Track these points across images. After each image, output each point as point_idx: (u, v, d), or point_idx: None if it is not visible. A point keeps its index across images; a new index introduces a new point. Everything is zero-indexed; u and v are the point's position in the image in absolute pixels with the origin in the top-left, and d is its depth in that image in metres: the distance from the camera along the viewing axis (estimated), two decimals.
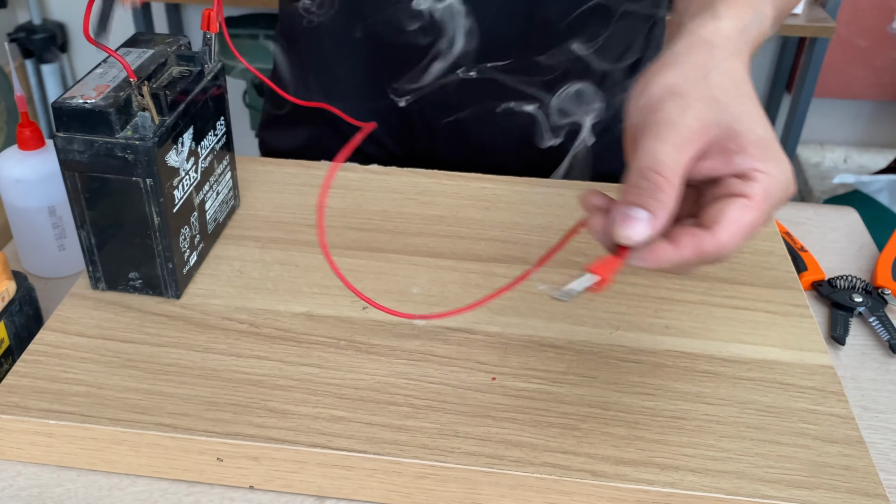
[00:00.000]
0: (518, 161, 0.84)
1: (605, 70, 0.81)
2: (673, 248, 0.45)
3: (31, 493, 0.52)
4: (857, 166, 2.07)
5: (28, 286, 0.61)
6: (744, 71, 0.49)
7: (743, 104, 0.47)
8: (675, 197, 0.46)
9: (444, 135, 0.85)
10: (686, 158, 0.46)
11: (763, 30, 0.52)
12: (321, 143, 0.87)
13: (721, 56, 0.49)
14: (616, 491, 0.49)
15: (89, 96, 0.55)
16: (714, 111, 0.46)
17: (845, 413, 0.54)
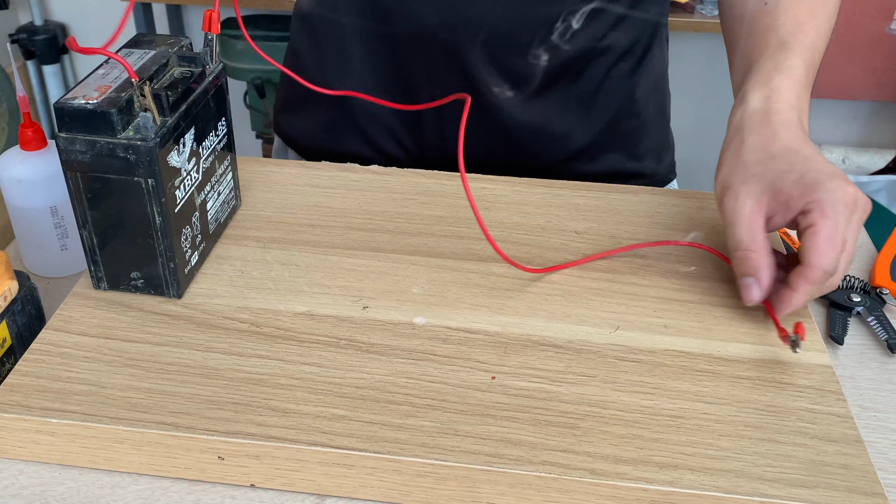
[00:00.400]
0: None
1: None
2: (790, 290, 0.60)
3: (34, 491, 0.53)
4: (856, 167, 2.08)
5: (30, 286, 0.61)
6: (770, 134, 0.63)
7: (775, 164, 0.61)
8: (765, 257, 0.60)
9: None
10: (757, 229, 0.60)
11: (795, 79, 0.66)
12: (337, 128, 0.88)
13: (749, 134, 0.63)
14: (615, 489, 0.50)
15: (91, 97, 0.56)
16: (757, 185, 0.61)
17: (844, 412, 0.55)
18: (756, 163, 0.62)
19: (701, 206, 0.75)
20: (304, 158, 0.90)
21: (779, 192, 0.60)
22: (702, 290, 0.65)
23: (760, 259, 0.60)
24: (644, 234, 0.71)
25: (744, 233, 0.60)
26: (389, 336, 0.59)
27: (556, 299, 0.63)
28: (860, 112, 2.12)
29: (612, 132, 0.86)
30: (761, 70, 0.67)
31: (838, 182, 0.59)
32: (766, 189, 0.60)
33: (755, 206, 0.60)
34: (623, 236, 0.71)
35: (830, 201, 0.58)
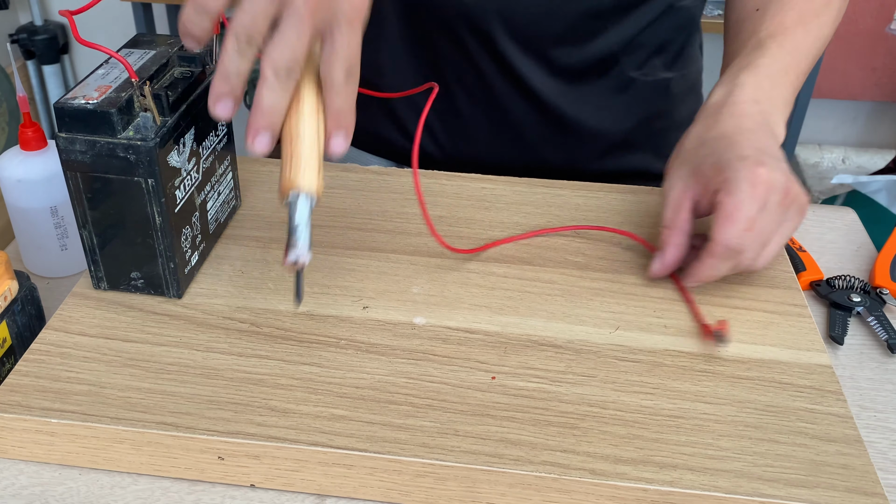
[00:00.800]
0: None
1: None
2: (697, 262, 0.62)
3: (33, 491, 0.53)
4: (856, 167, 2.08)
5: (30, 286, 0.61)
6: (712, 123, 0.64)
7: (703, 149, 0.63)
8: (678, 236, 0.63)
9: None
10: (680, 210, 0.63)
11: (763, 76, 0.66)
12: (369, 108, 0.88)
13: (695, 125, 0.66)
14: (615, 489, 0.50)
15: (91, 97, 0.56)
16: (685, 169, 0.64)
17: (844, 412, 0.55)
18: (690, 149, 0.65)
19: None
20: None
21: (700, 175, 0.62)
22: (701, 290, 0.65)
23: (671, 236, 0.63)
24: (644, 234, 0.71)
25: (667, 213, 0.64)
26: (389, 336, 0.59)
27: (556, 299, 0.63)
28: (860, 112, 2.12)
29: (644, 130, 0.87)
30: (732, 68, 0.68)
31: (749, 163, 0.59)
32: (692, 173, 0.63)
33: (682, 188, 0.63)
34: (623, 235, 0.71)
35: (735, 180, 0.59)
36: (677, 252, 0.63)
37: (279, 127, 0.53)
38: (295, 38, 0.50)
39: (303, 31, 0.51)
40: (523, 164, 0.82)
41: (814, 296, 0.72)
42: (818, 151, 2.12)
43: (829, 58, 1.95)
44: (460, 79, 0.83)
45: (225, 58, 0.51)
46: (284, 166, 0.53)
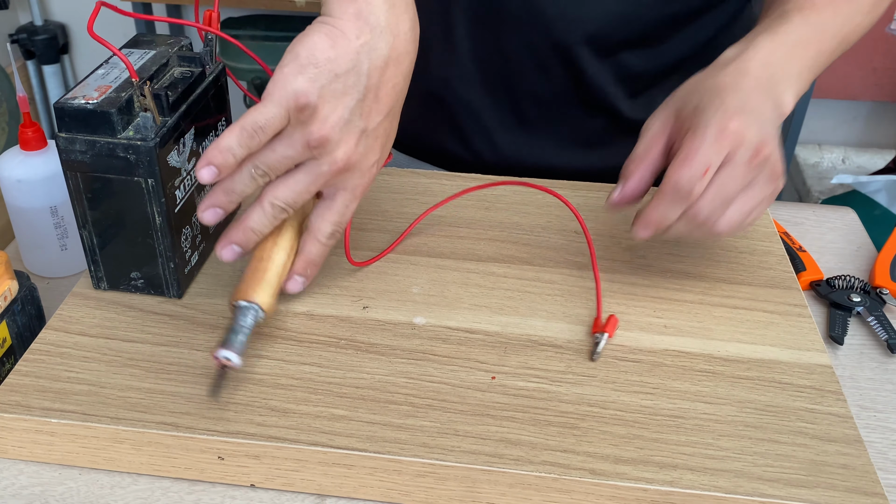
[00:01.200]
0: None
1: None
2: (649, 205, 0.58)
3: (33, 491, 0.53)
4: (856, 167, 2.08)
5: (30, 286, 0.61)
6: (710, 71, 0.61)
7: (691, 95, 0.60)
8: (641, 168, 0.60)
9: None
10: (653, 145, 0.60)
11: (780, 42, 0.63)
12: (428, 119, 0.89)
13: (697, 74, 0.62)
14: (615, 489, 0.50)
15: (91, 97, 0.56)
16: (669, 110, 0.61)
17: (843, 412, 0.55)
18: (682, 94, 0.62)
19: None
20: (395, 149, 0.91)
21: (679, 117, 0.60)
22: (702, 290, 0.65)
23: (636, 169, 0.60)
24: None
25: (638, 147, 0.61)
26: (389, 336, 0.59)
27: (556, 299, 0.63)
28: (860, 112, 2.11)
29: None
30: (751, 32, 0.65)
31: (726, 113, 0.57)
32: (674, 114, 0.61)
33: (659, 127, 0.61)
34: (623, 236, 0.71)
35: (701, 125, 0.56)
36: (638, 185, 0.60)
37: (252, 248, 0.58)
38: (304, 188, 0.56)
39: (315, 184, 0.56)
40: (589, 168, 0.82)
41: (814, 296, 0.72)
42: (818, 151, 2.12)
43: None
44: (530, 87, 0.83)
45: (237, 177, 0.55)
46: (249, 278, 0.57)
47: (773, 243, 0.71)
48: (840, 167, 2.08)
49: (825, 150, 2.13)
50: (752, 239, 0.71)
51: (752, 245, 0.70)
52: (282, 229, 0.60)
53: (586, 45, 0.79)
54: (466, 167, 0.86)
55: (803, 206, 0.85)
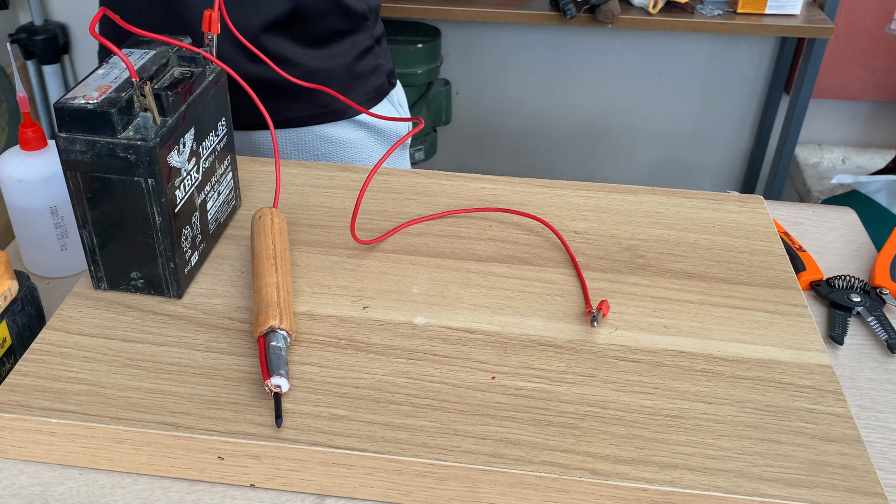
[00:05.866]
0: None
1: None
2: None
3: (33, 491, 0.53)
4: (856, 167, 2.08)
5: (30, 286, 0.61)
6: None
7: None
8: None
9: None
10: None
11: None
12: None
13: None
14: (615, 489, 0.50)
15: (91, 97, 0.56)
16: None
17: (843, 412, 0.55)
18: None
19: (701, 206, 0.75)
20: None
21: None
22: (701, 290, 0.65)
23: None
24: (644, 234, 0.71)
25: None
26: (389, 336, 0.60)
27: (556, 299, 0.63)
28: (860, 112, 2.12)
29: None
30: None
31: None
32: None
33: None
34: (623, 236, 0.71)
35: None
36: None
37: None
38: None
39: None
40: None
41: (814, 296, 0.72)
42: (818, 151, 2.12)
43: (829, 58, 1.95)
44: None
45: None
46: (264, 307, 0.58)
47: (773, 243, 0.71)
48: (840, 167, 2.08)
49: (825, 150, 2.13)
50: (752, 239, 0.71)
51: (752, 245, 0.70)
52: (277, 257, 0.62)
53: None
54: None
55: (803, 206, 0.85)
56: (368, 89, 0.95)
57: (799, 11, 1.70)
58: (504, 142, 2.25)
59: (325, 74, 0.90)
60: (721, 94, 2.10)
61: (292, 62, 0.88)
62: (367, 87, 0.95)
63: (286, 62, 0.88)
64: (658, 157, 2.22)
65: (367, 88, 0.95)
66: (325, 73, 0.90)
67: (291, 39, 0.88)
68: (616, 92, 2.13)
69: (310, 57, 0.89)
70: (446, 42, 2.12)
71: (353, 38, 0.92)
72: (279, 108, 0.89)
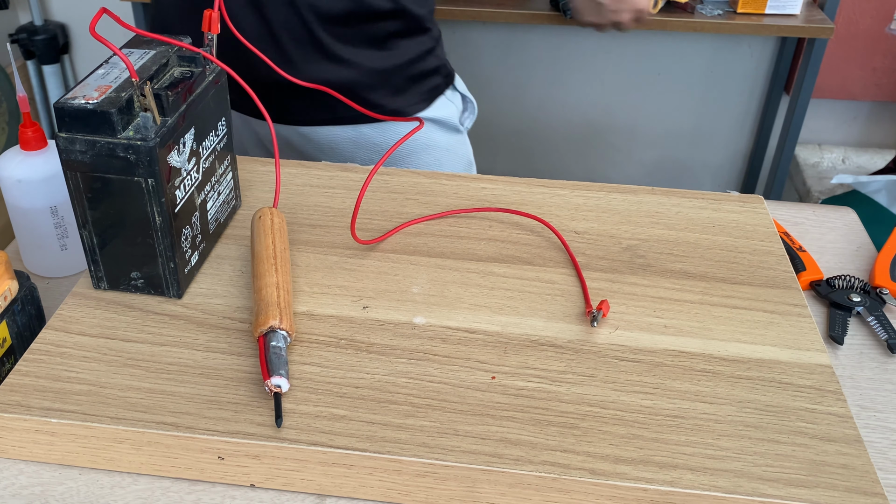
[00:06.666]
0: None
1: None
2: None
3: (34, 491, 0.53)
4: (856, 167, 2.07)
5: (30, 286, 0.61)
6: None
7: None
8: None
9: None
10: None
11: None
12: None
13: None
14: (615, 489, 0.50)
15: (91, 97, 0.56)
16: None
17: (843, 412, 0.55)
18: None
19: (701, 206, 0.75)
20: None
21: None
22: (701, 290, 0.65)
23: None
24: (644, 234, 0.71)
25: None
26: (389, 336, 0.59)
27: (556, 299, 0.63)
28: (860, 112, 2.11)
29: None
30: None
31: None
32: None
33: None
34: (623, 236, 0.71)
35: None
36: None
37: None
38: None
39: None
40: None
41: (814, 296, 0.72)
42: (818, 151, 2.12)
43: (829, 58, 1.95)
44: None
45: None
46: (264, 307, 0.58)
47: (773, 243, 0.71)
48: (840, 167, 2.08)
49: (825, 150, 2.13)
50: (752, 239, 0.71)
51: (752, 245, 0.70)
52: (277, 257, 0.61)
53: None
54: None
55: (803, 206, 0.85)
56: (423, 90, 0.96)
57: (799, 11, 1.70)
58: (504, 142, 2.25)
59: (381, 75, 0.91)
60: (721, 94, 2.10)
61: (349, 62, 0.88)
62: (423, 88, 0.95)
63: (342, 61, 0.88)
64: (658, 157, 2.22)
65: (423, 89, 0.96)
66: (381, 74, 0.91)
67: (349, 39, 0.88)
68: (616, 92, 2.13)
69: (367, 57, 0.89)
70: (446, 42, 2.11)
71: (413, 40, 0.93)
72: (330, 105, 0.89)
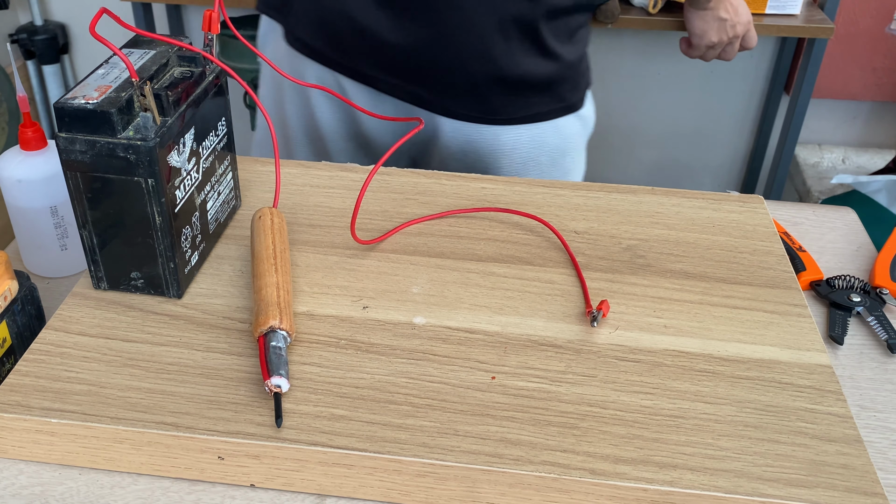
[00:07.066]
0: None
1: None
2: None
3: (34, 491, 0.53)
4: (856, 167, 2.07)
5: (30, 286, 0.61)
6: None
7: None
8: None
9: None
10: None
11: None
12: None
13: None
14: (615, 489, 0.50)
15: (91, 97, 0.56)
16: None
17: (843, 412, 0.55)
18: None
19: (701, 206, 0.75)
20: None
21: None
22: (701, 290, 0.65)
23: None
24: (644, 234, 0.71)
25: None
26: (389, 336, 0.59)
27: (556, 299, 0.63)
28: (860, 112, 2.11)
29: None
30: None
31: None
32: None
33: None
34: (623, 236, 0.71)
35: None
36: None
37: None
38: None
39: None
40: None
41: (814, 296, 0.72)
42: (818, 151, 2.12)
43: (829, 58, 1.95)
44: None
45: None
46: (264, 307, 0.58)
47: (773, 243, 0.71)
48: (840, 167, 2.08)
49: (825, 150, 2.13)
50: (752, 239, 0.71)
51: (752, 245, 0.70)
52: (277, 257, 0.61)
53: None
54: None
55: (803, 206, 0.85)
56: (587, 82, 0.95)
57: (799, 11, 1.70)
58: None
59: (571, 68, 0.91)
60: (721, 94, 2.10)
61: (553, 55, 0.88)
62: (587, 80, 0.95)
63: (549, 55, 0.87)
64: (658, 157, 2.22)
65: (587, 81, 0.95)
66: (571, 66, 0.91)
67: (558, 32, 0.88)
68: (616, 92, 2.12)
69: (566, 50, 0.89)
70: None
71: (586, 31, 0.92)
72: (530, 102, 0.89)
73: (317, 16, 0.88)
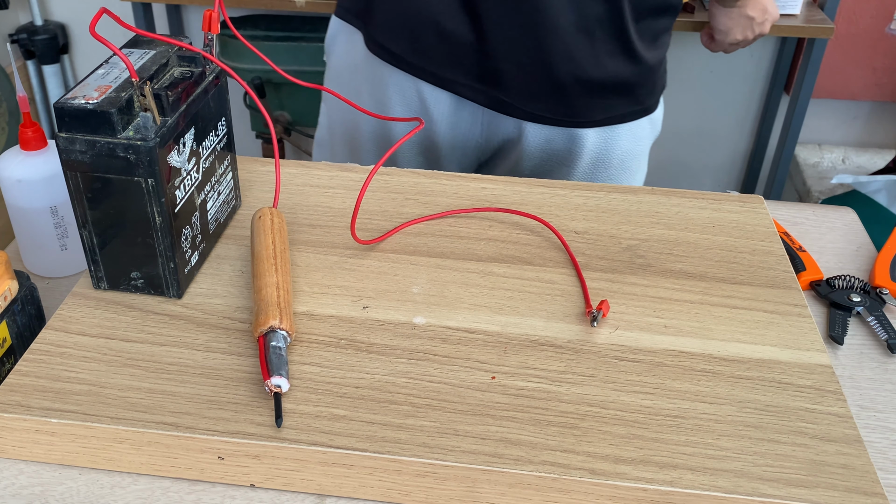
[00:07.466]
0: None
1: None
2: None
3: (33, 491, 0.53)
4: (856, 167, 2.07)
5: (30, 286, 0.61)
6: None
7: None
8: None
9: None
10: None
11: None
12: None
13: None
14: (615, 489, 0.50)
15: (91, 97, 0.56)
16: None
17: (843, 412, 0.55)
18: None
19: (701, 206, 0.75)
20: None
21: None
22: (701, 290, 0.65)
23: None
24: (644, 234, 0.71)
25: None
26: (389, 336, 0.59)
27: (556, 299, 0.63)
28: (860, 112, 2.11)
29: None
30: None
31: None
32: None
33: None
34: (623, 236, 0.71)
35: None
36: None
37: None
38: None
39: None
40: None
41: (814, 296, 0.72)
42: (818, 151, 2.12)
43: (829, 58, 1.95)
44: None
45: None
46: (264, 307, 0.58)
47: (773, 243, 0.71)
48: (840, 167, 2.08)
49: (825, 150, 2.13)
50: (752, 239, 0.71)
51: (752, 245, 0.70)
52: (277, 257, 0.61)
53: None
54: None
55: (803, 206, 0.85)
56: (663, 85, 0.95)
57: (799, 11, 1.70)
58: None
59: (652, 71, 0.91)
60: (721, 94, 2.10)
61: (636, 56, 0.88)
62: (663, 83, 0.95)
63: (633, 56, 0.87)
64: (658, 157, 2.22)
65: (663, 84, 0.95)
66: (652, 69, 0.91)
67: (644, 33, 0.88)
68: None
69: (650, 53, 0.89)
70: None
71: (668, 35, 0.92)
72: (610, 104, 0.89)
73: (400, 21, 0.88)
